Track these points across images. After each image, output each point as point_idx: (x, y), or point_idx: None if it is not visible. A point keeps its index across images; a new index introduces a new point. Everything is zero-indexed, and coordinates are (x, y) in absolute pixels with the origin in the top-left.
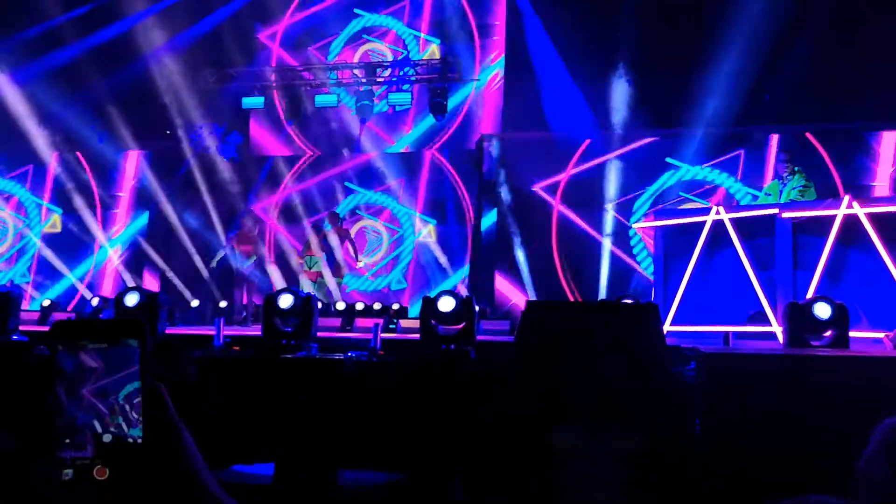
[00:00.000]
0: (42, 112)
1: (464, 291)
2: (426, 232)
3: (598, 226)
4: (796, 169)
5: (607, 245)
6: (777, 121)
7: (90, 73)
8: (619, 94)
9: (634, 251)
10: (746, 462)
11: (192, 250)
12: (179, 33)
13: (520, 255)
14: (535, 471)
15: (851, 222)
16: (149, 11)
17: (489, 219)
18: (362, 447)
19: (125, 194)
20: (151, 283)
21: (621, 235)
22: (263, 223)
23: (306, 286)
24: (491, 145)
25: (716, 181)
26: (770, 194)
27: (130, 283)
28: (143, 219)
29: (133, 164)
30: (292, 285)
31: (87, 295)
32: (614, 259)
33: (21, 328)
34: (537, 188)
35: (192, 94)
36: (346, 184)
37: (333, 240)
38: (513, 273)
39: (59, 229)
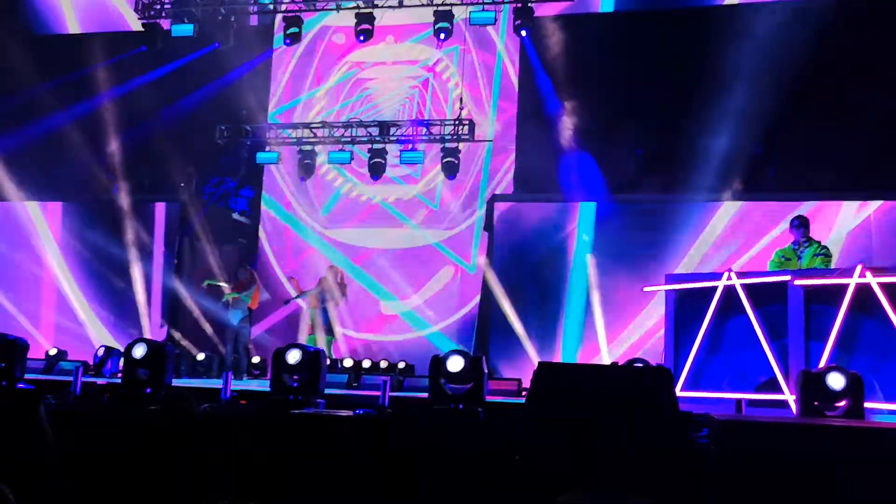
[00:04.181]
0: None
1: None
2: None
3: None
4: (809, 237)
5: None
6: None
7: (105, 124)
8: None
9: None
10: None
11: (198, 304)
12: (197, 89)
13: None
14: None
15: (864, 292)
16: (167, 68)
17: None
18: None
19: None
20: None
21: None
22: (257, 274)
23: (307, 339)
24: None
25: None
26: (789, 258)
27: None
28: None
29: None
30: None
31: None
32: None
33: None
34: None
35: (207, 148)
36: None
37: (336, 294)
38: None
39: None
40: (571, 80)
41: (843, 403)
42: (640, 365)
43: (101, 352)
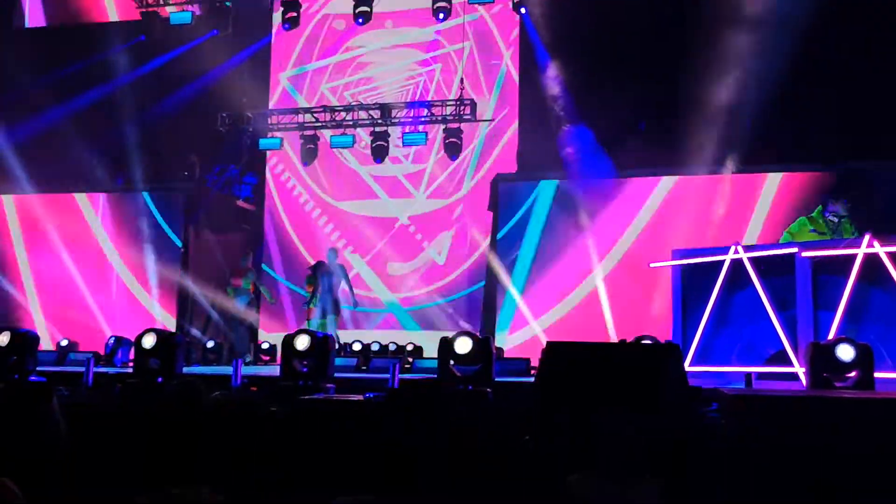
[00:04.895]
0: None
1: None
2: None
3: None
4: (847, 216)
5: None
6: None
7: (108, 115)
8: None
9: None
10: None
11: (205, 292)
12: (197, 76)
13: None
14: None
15: (872, 261)
16: (167, 56)
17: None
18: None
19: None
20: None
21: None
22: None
23: (311, 324)
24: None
25: None
26: (823, 232)
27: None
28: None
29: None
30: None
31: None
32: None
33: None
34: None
35: (210, 136)
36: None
37: (337, 274)
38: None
39: None
40: (571, 56)
41: (852, 374)
42: (649, 342)
43: (111, 342)
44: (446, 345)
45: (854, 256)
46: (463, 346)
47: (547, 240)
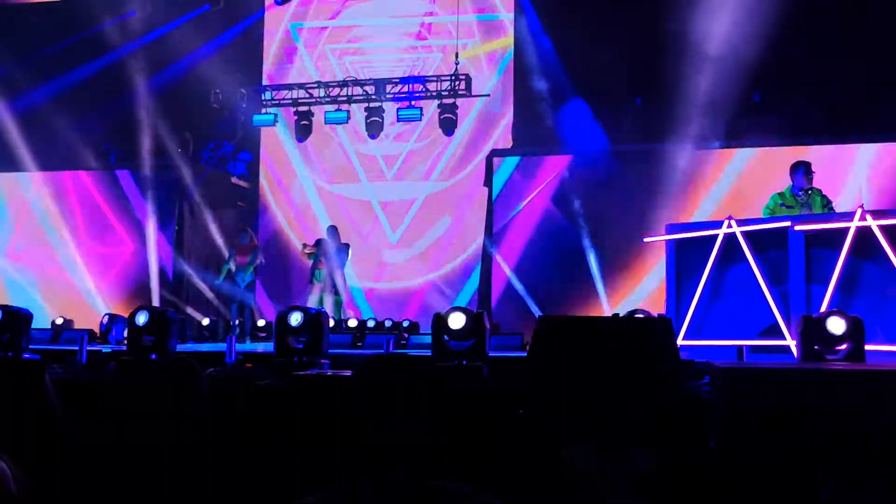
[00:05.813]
0: (51, 130)
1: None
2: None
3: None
4: (811, 187)
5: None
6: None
7: (99, 92)
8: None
9: None
10: (762, 477)
11: (200, 270)
12: (189, 52)
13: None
14: (550, 489)
15: (865, 235)
16: (159, 31)
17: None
18: (372, 465)
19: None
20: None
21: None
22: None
23: (313, 300)
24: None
25: None
26: (791, 206)
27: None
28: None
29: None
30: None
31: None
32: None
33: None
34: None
35: (203, 112)
36: None
37: (336, 255)
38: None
39: None
40: (568, 30)
41: (843, 347)
42: (641, 315)
43: (105, 319)
44: (440, 320)
45: (846, 230)
46: (457, 321)
47: (540, 214)
